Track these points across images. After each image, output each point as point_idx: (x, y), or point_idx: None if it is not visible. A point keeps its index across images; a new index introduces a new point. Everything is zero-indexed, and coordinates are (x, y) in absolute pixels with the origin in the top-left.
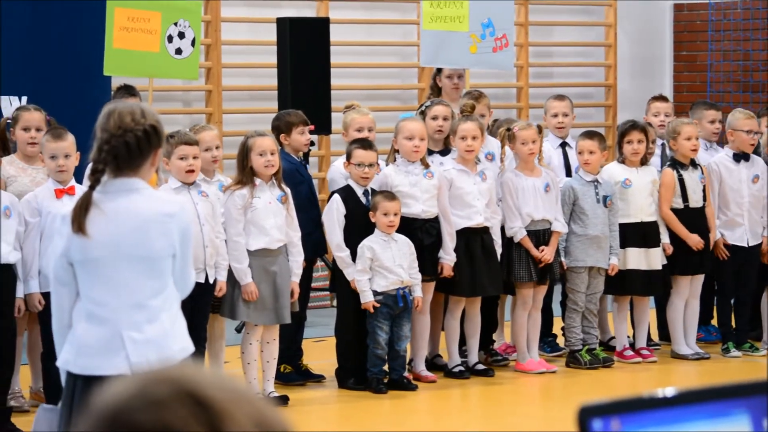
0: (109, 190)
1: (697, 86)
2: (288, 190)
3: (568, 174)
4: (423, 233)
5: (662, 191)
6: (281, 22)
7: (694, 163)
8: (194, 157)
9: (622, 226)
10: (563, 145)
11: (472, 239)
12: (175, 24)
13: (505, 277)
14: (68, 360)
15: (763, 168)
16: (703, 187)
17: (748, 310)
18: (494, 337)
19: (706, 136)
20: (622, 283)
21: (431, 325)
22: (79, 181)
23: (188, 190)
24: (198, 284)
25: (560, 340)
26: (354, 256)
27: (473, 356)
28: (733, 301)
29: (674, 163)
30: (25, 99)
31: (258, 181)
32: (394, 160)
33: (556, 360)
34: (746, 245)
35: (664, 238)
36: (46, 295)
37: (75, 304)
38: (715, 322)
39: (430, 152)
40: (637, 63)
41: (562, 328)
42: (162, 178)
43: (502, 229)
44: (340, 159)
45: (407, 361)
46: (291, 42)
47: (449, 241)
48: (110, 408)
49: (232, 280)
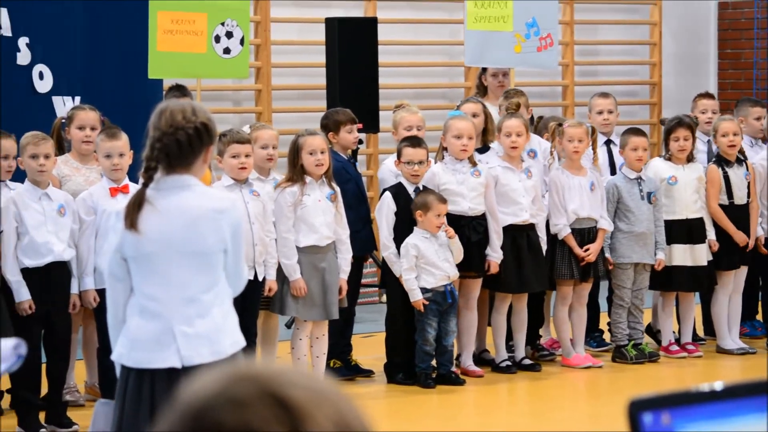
0: (162, 187)
1: (741, 84)
2: (338, 189)
3: (613, 172)
4: (470, 230)
5: (709, 188)
6: (330, 22)
7: (740, 160)
8: (246, 156)
9: (668, 223)
10: (608, 143)
11: (518, 236)
12: (223, 24)
13: (548, 273)
14: (122, 354)
15: None
16: (748, 183)
17: None
18: (541, 332)
19: (752, 133)
20: (668, 279)
21: (478, 321)
22: (133, 179)
23: (240, 188)
24: (248, 281)
25: (606, 336)
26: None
27: (520, 351)
28: None
29: (719, 160)
30: (78, 99)
31: (308, 179)
32: (443, 158)
33: (602, 355)
34: None
35: (710, 235)
36: (101, 292)
37: (129, 300)
38: (760, 317)
39: None
40: (682, 61)
41: (608, 324)
42: (215, 176)
43: (547, 226)
44: (390, 157)
45: (455, 356)
46: (339, 41)
47: (496, 239)
48: (193, 406)
49: (282, 277)
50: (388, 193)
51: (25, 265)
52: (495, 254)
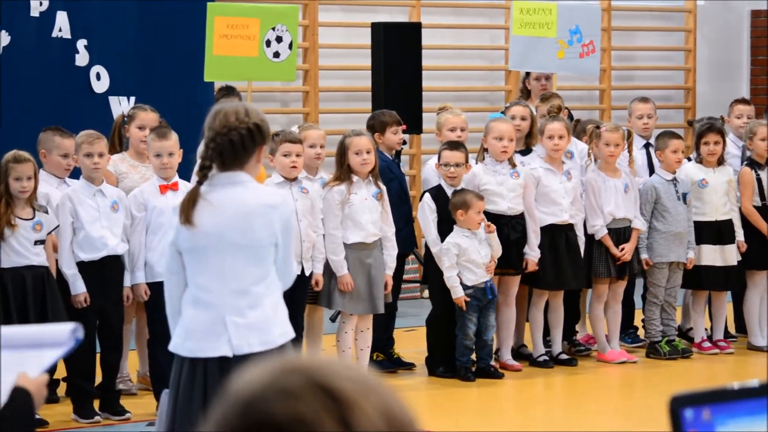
0: (215, 183)
1: None
2: (384, 187)
3: (652, 173)
4: (509, 229)
5: (742, 189)
6: (376, 27)
7: None
8: (297, 155)
9: (698, 224)
10: (647, 146)
11: (557, 235)
12: (273, 29)
13: (585, 272)
14: (177, 344)
15: None
16: None
17: None
18: (577, 328)
19: None
20: (698, 279)
21: (517, 317)
22: (183, 177)
23: (290, 186)
24: (296, 276)
25: (641, 332)
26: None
27: (557, 346)
28: None
29: (752, 163)
30: (133, 99)
31: (355, 178)
32: (483, 158)
33: (637, 351)
34: None
35: (740, 236)
36: (152, 286)
37: (185, 292)
38: None
39: None
40: (716, 67)
41: (642, 321)
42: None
43: (584, 225)
44: (434, 158)
45: (494, 350)
46: (385, 45)
47: (534, 238)
48: (243, 398)
49: (330, 272)
50: (428, 195)
51: (81, 259)
52: (533, 252)
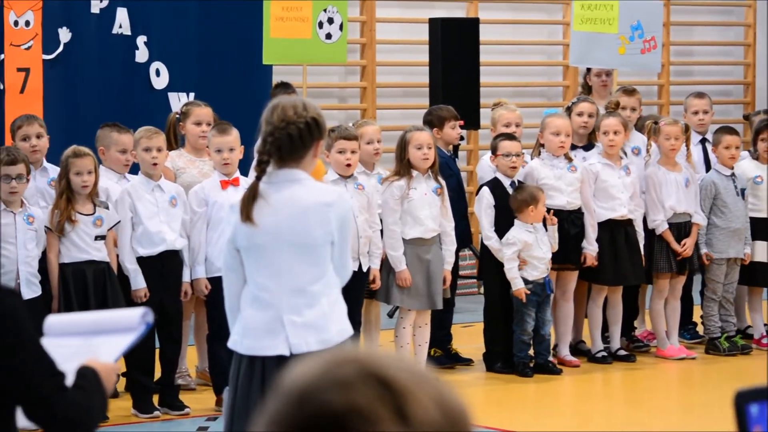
0: (273, 181)
1: None
2: (443, 183)
3: (708, 169)
4: (569, 224)
5: None
6: (433, 23)
7: None
8: (353, 152)
9: (752, 221)
10: (703, 141)
11: (616, 230)
12: (325, 10)
13: (646, 267)
14: (236, 341)
15: None
16: None
17: None
18: (636, 324)
19: None
20: (753, 275)
21: (575, 312)
22: (243, 173)
23: (345, 182)
24: (353, 272)
25: (700, 328)
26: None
27: (615, 342)
28: None
29: None
30: (192, 95)
31: (414, 173)
32: (539, 154)
33: (696, 347)
34: None
35: None
36: (212, 281)
37: (243, 289)
38: None
39: (573, 147)
40: None
41: (701, 317)
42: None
43: (644, 221)
44: (488, 153)
45: (552, 346)
46: (442, 41)
47: (591, 233)
48: (298, 388)
49: (387, 267)
50: (486, 188)
51: (139, 254)
52: (591, 247)
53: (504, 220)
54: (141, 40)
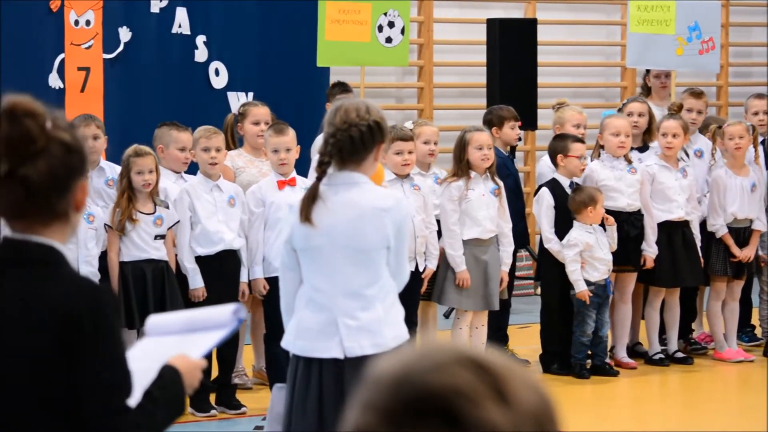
0: (333, 183)
1: None
2: (501, 183)
3: None
4: (629, 225)
5: None
6: (491, 23)
7: None
8: (409, 152)
9: None
10: (763, 143)
11: (673, 232)
12: (385, 14)
13: (702, 269)
14: (289, 341)
15: None
16: None
17: None
18: (693, 326)
19: None
20: None
21: (632, 315)
22: (300, 172)
23: (401, 183)
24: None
25: (758, 331)
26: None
27: (673, 344)
28: None
29: None
30: (251, 95)
31: (473, 174)
32: (599, 155)
33: (754, 350)
34: None
35: None
36: (269, 281)
37: (299, 289)
38: None
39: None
40: None
41: (759, 319)
42: None
43: (703, 222)
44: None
45: (609, 347)
46: (500, 41)
47: (651, 234)
48: (394, 373)
49: (444, 268)
50: (545, 189)
51: (198, 253)
52: (650, 249)
53: (562, 221)
54: (200, 40)
